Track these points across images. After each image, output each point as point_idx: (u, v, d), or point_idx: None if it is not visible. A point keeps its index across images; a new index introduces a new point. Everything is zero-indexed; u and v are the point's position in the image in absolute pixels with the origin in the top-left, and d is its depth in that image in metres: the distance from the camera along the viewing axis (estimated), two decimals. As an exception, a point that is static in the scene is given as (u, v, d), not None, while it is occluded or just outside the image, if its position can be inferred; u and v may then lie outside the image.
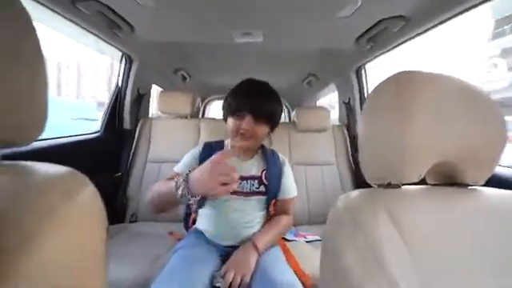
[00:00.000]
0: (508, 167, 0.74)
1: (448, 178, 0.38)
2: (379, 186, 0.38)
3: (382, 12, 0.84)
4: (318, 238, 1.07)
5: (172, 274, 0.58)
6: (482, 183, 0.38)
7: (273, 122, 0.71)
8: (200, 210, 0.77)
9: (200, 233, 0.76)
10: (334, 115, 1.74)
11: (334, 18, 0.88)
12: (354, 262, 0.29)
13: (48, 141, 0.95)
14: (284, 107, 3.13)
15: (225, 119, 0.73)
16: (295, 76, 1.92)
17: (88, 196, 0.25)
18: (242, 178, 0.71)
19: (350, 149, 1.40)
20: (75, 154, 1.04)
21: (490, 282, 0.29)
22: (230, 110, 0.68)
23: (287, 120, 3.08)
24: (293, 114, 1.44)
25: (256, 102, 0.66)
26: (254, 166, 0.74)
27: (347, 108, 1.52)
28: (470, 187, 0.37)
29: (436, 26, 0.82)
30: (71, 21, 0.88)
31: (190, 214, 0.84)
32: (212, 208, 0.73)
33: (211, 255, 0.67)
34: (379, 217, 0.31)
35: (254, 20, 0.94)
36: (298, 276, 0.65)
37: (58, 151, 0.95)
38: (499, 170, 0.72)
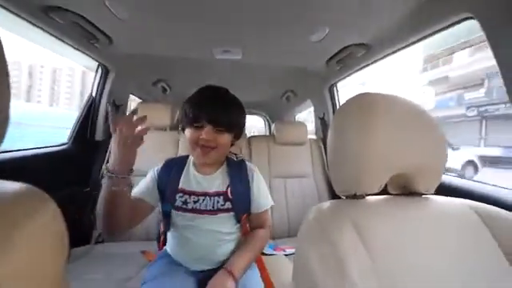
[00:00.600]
0: (450, 175, 0.85)
1: (405, 188, 0.43)
2: (346, 197, 0.41)
3: (347, 40, 0.95)
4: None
5: None
6: (433, 191, 0.43)
7: (236, 129, 0.66)
8: (168, 233, 0.72)
9: (171, 257, 0.70)
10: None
11: (307, 42, 0.97)
12: (321, 269, 0.30)
13: (8, 153, 0.86)
14: (264, 120, 3.23)
15: (183, 130, 0.67)
16: (274, 91, 2.00)
17: (48, 216, 0.23)
18: (205, 195, 0.66)
19: (325, 161, 1.47)
20: (38, 168, 0.95)
21: (448, 283, 0.31)
22: (187, 120, 0.63)
23: (267, 133, 3.15)
24: (272, 127, 1.49)
25: (215, 110, 0.61)
26: (217, 181, 0.68)
27: (322, 123, 1.61)
28: (423, 195, 0.42)
29: (392, 53, 0.95)
30: (44, 30, 0.84)
31: (161, 235, 0.78)
32: (178, 230, 0.67)
33: (185, 283, 0.61)
34: (345, 228, 0.33)
35: (233, 38, 0.99)
36: None
37: (18, 164, 0.87)
38: (446, 180, 0.82)
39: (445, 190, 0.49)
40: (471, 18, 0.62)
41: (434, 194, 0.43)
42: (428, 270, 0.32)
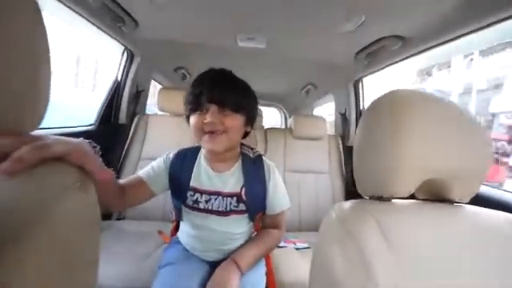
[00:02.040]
0: (490, 187, 0.78)
1: (436, 195, 0.40)
2: (371, 198, 0.39)
3: (382, 30, 0.88)
4: (307, 245, 1.07)
5: None
6: (467, 201, 0.39)
7: (246, 111, 0.60)
8: (181, 223, 0.71)
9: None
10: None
11: (337, 32, 0.91)
12: (344, 269, 0.30)
13: (39, 131, 0.92)
14: (281, 113, 3.18)
15: (187, 118, 0.62)
16: (295, 83, 1.95)
17: (86, 191, 0.25)
18: (218, 194, 0.62)
19: (343, 159, 1.42)
20: None
21: None
22: (189, 105, 0.58)
23: (283, 126, 3.11)
24: (289, 120, 1.46)
25: (217, 88, 0.56)
26: (232, 180, 0.63)
27: (343, 119, 1.55)
28: (455, 204, 0.39)
29: (430, 48, 0.86)
30: (76, 12, 0.87)
31: (173, 221, 0.79)
32: (190, 225, 0.67)
33: (200, 271, 0.62)
34: (369, 228, 0.32)
35: (259, 26, 0.96)
36: None
37: None
38: (482, 190, 0.76)
39: (480, 200, 0.45)
40: None
41: (468, 203, 0.40)
42: (453, 278, 0.30)
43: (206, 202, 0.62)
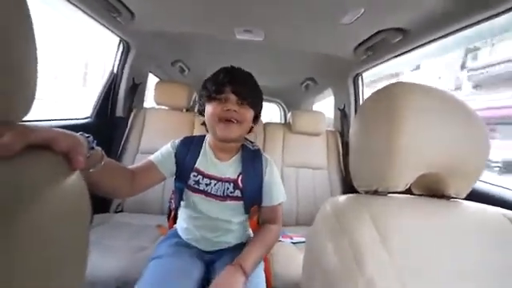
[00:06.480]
0: (485, 182, 0.77)
1: (432, 190, 0.40)
2: (366, 192, 0.39)
3: (382, 23, 0.86)
4: (304, 239, 1.08)
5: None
6: (463, 196, 0.39)
7: (257, 107, 0.67)
8: (179, 212, 0.74)
9: (179, 237, 0.72)
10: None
11: (336, 24, 0.89)
12: (336, 261, 0.30)
13: (35, 123, 0.91)
14: (280, 108, 3.16)
15: (201, 109, 0.67)
16: (294, 78, 1.93)
17: (73, 182, 0.24)
18: (217, 180, 0.66)
19: (341, 154, 1.42)
20: None
21: (463, 285, 0.30)
22: (209, 94, 0.62)
23: (283, 121, 3.10)
24: (288, 115, 1.45)
25: (239, 82, 0.62)
26: (230, 168, 0.68)
27: (342, 114, 1.54)
28: (451, 199, 0.39)
29: (433, 41, 0.85)
30: (70, 2, 0.85)
31: (171, 211, 0.81)
32: (188, 211, 0.70)
33: (193, 264, 0.63)
34: (363, 222, 0.31)
35: (257, 18, 0.94)
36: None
37: None
38: (478, 185, 0.76)
39: (476, 195, 0.45)
40: None
41: (464, 199, 0.40)
42: (446, 272, 0.30)
43: (206, 185, 0.66)
